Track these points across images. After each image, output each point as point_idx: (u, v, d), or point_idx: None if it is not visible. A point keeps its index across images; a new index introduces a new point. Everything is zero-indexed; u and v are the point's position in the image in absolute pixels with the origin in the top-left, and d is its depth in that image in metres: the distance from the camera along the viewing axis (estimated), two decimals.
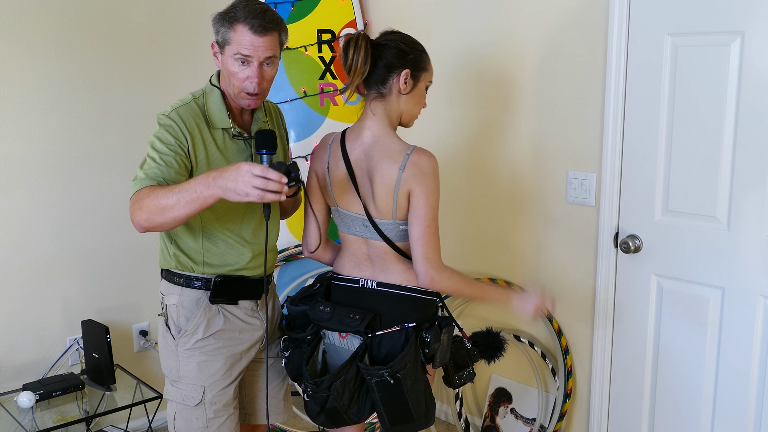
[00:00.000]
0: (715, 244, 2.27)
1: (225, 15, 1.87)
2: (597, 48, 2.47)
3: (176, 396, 2.00)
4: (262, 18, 1.85)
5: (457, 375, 2.06)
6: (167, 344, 2.01)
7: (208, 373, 1.98)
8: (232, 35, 1.85)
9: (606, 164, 2.48)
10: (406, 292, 1.97)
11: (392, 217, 1.93)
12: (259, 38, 1.84)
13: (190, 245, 1.96)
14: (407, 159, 1.88)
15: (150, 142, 1.88)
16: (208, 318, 1.97)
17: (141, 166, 1.86)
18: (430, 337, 1.93)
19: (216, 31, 1.89)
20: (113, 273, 3.02)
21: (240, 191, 1.61)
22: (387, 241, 1.95)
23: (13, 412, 2.64)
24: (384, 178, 1.89)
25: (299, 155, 3.27)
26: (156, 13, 3.00)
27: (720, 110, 2.20)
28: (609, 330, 2.58)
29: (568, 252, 2.67)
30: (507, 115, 2.80)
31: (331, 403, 1.94)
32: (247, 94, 1.90)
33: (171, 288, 2.00)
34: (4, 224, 2.73)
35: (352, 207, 1.98)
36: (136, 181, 1.81)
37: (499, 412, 2.96)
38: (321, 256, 2.14)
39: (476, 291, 2.03)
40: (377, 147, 1.93)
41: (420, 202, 1.88)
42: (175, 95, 3.04)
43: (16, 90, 2.70)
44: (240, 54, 1.85)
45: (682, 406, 2.43)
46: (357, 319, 1.92)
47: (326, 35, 3.29)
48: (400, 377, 1.88)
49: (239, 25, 1.84)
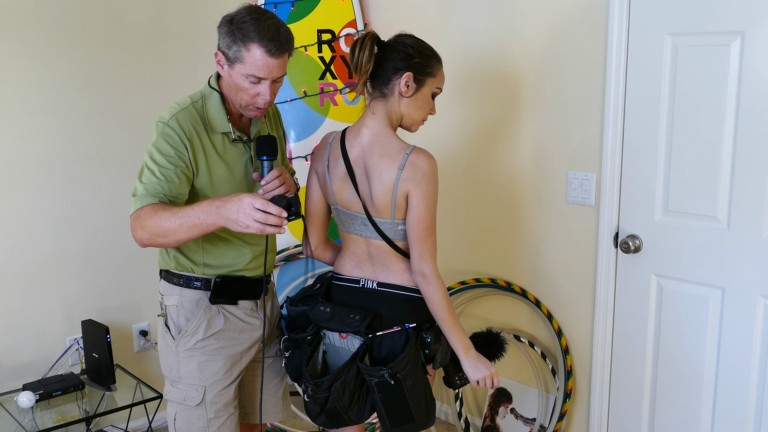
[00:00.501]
0: (715, 244, 2.27)
1: (236, 30, 1.81)
2: (597, 48, 2.47)
3: (176, 396, 2.00)
4: (278, 39, 1.81)
5: (457, 375, 2.06)
6: (167, 345, 2.01)
7: (209, 373, 1.98)
8: (246, 55, 1.81)
9: (606, 164, 2.48)
10: (407, 293, 1.97)
11: (390, 216, 1.93)
12: (273, 60, 1.82)
13: (190, 246, 1.96)
14: (406, 159, 1.88)
15: (148, 151, 1.85)
16: (209, 318, 1.97)
17: (139, 177, 1.84)
18: (431, 337, 1.93)
19: (225, 43, 1.84)
20: (113, 273, 3.02)
21: (241, 223, 1.65)
22: (386, 240, 1.95)
23: (13, 412, 2.64)
24: (382, 177, 1.89)
25: (299, 155, 3.27)
26: (156, 13, 3.00)
27: (720, 110, 2.20)
28: (609, 330, 2.58)
29: (568, 252, 2.67)
30: (507, 115, 2.80)
31: (332, 403, 1.94)
32: (256, 107, 1.90)
33: (170, 288, 1.99)
34: (4, 224, 2.73)
35: (351, 206, 1.98)
36: (136, 198, 1.80)
37: (499, 412, 2.96)
38: (321, 255, 2.14)
39: (451, 316, 1.93)
40: (376, 146, 1.93)
41: (419, 203, 1.88)
42: (175, 95, 3.04)
43: (16, 90, 2.70)
44: (253, 76, 1.82)
45: (682, 405, 2.43)
46: (357, 319, 1.92)
47: (326, 35, 3.30)
48: (401, 378, 1.88)
49: (253, 45, 1.80)
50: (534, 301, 2.79)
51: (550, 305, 2.77)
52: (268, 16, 1.84)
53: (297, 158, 3.27)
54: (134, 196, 1.82)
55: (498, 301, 2.97)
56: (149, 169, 1.83)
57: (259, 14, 1.83)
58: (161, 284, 2.04)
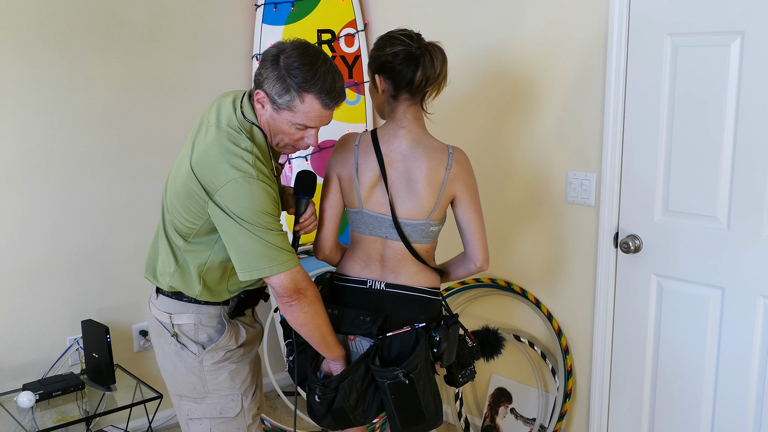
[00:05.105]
0: (715, 244, 2.27)
1: (288, 76, 1.70)
2: (597, 48, 2.47)
3: (208, 412, 1.94)
4: (334, 90, 1.73)
5: (460, 373, 2.06)
6: (184, 363, 1.93)
7: (240, 380, 1.97)
8: (299, 105, 1.72)
9: (606, 164, 2.48)
10: (413, 293, 1.97)
11: (428, 217, 1.94)
12: (327, 112, 1.76)
13: (218, 283, 1.91)
14: (451, 158, 1.93)
15: (254, 213, 1.69)
16: (235, 329, 1.96)
17: (266, 241, 1.71)
18: (440, 336, 1.93)
19: (274, 89, 1.72)
20: (113, 273, 3.02)
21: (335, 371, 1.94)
22: (405, 242, 1.96)
23: (13, 412, 2.64)
24: (429, 177, 1.92)
25: (299, 155, 3.27)
26: (156, 13, 3.00)
27: (720, 110, 2.20)
28: (609, 330, 2.58)
29: (568, 252, 2.67)
30: (507, 115, 2.80)
31: (338, 403, 1.93)
32: (294, 148, 1.85)
33: (183, 307, 1.92)
34: (4, 224, 2.73)
35: (379, 208, 1.97)
36: (292, 261, 1.76)
37: (499, 412, 2.96)
38: (334, 258, 2.10)
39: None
40: (419, 148, 1.94)
41: (471, 197, 1.97)
42: (174, 95, 3.07)
43: (16, 90, 2.70)
44: (303, 125, 1.75)
45: (682, 406, 2.43)
46: (368, 321, 1.92)
47: (326, 35, 3.30)
48: (414, 377, 1.88)
49: (309, 97, 1.71)
50: (534, 301, 2.79)
51: (550, 305, 2.77)
52: (321, 59, 1.73)
53: (297, 158, 3.27)
54: (281, 262, 1.73)
55: (498, 301, 2.97)
56: (271, 229, 1.72)
57: (311, 58, 1.72)
58: (165, 302, 1.94)
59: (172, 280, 1.89)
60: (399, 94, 1.93)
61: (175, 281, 1.89)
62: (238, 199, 1.69)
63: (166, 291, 1.93)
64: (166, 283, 1.90)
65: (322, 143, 3.27)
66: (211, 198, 1.72)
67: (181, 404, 1.98)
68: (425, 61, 1.88)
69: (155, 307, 1.96)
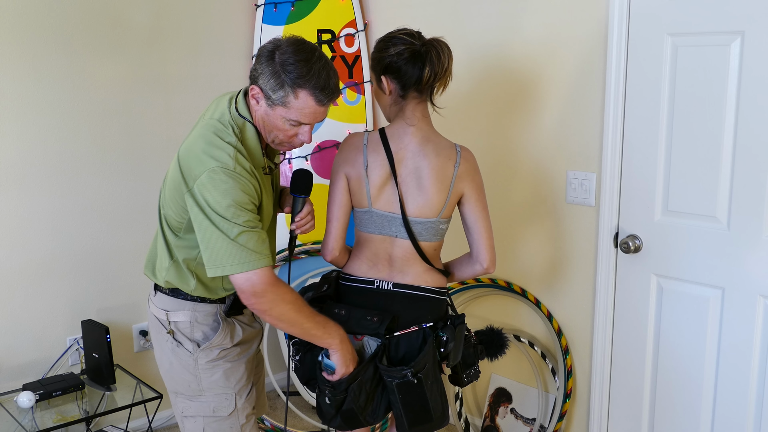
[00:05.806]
0: (715, 244, 2.27)
1: (282, 71, 1.70)
2: (597, 48, 2.47)
3: (202, 410, 1.95)
4: (329, 87, 1.73)
5: (465, 373, 2.06)
6: (180, 360, 1.94)
7: (235, 379, 1.96)
8: (293, 101, 1.72)
9: (606, 164, 2.48)
10: (421, 292, 1.97)
11: (437, 214, 1.96)
12: (321, 108, 1.76)
13: (212, 279, 1.90)
14: (460, 156, 1.96)
15: (225, 206, 1.68)
16: (231, 327, 1.96)
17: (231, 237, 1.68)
18: (447, 335, 1.93)
19: (268, 84, 1.73)
20: (113, 273, 3.02)
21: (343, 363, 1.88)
22: (414, 241, 1.96)
23: (13, 412, 2.64)
24: (439, 175, 1.93)
25: (299, 155, 3.27)
26: (156, 13, 3.00)
27: (720, 110, 2.20)
28: (609, 330, 2.58)
29: (569, 252, 2.67)
30: (506, 115, 2.80)
31: (348, 404, 1.93)
32: (290, 145, 1.85)
33: (179, 304, 1.92)
34: (4, 224, 2.73)
35: (389, 207, 1.97)
36: (257, 261, 1.71)
37: (499, 412, 2.96)
38: (342, 258, 2.08)
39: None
40: (429, 146, 1.96)
41: (478, 195, 1.99)
42: (175, 95, 3.07)
43: (16, 90, 2.70)
44: (297, 121, 1.76)
45: (682, 406, 2.43)
46: (376, 321, 1.92)
47: (326, 35, 3.30)
48: (422, 377, 1.88)
49: (303, 93, 1.71)
50: (534, 301, 2.79)
51: (550, 305, 2.77)
52: (316, 56, 1.73)
53: (297, 158, 3.27)
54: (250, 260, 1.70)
55: (498, 301, 2.97)
56: (242, 226, 1.69)
57: (306, 54, 1.72)
58: (162, 299, 1.94)
59: (168, 275, 1.90)
60: (407, 93, 1.94)
61: (170, 276, 1.90)
62: (211, 189, 1.69)
63: (163, 288, 1.94)
64: (162, 278, 1.92)
65: (322, 143, 3.28)
66: (189, 189, 1.73)
67: (176, 401, 2.00)
68: (432, 57, 1.89)
69: (153, 304, 1.98)
